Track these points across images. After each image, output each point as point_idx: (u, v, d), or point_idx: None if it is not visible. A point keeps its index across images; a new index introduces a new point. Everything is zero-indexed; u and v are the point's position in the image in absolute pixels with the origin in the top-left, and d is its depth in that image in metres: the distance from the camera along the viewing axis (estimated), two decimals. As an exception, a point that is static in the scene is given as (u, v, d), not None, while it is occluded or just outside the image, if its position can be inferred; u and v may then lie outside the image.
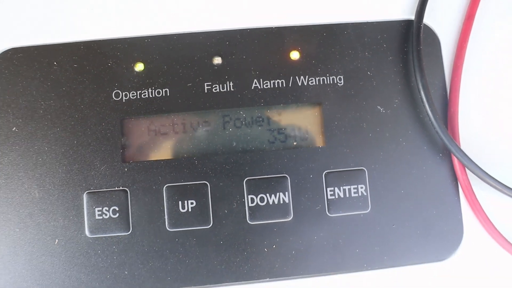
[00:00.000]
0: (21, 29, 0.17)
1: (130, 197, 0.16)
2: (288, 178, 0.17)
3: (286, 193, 0.17)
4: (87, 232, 0.16)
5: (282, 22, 0.18)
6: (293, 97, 0.17)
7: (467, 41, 0.18)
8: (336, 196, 0.17)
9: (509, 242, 0.16)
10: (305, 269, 0.16)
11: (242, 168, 0.17)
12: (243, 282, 0.16)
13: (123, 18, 0.17)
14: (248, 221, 0.16)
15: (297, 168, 0.17)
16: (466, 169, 0.17)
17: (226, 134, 0.17)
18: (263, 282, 0.16)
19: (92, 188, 0.16)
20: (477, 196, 0.17)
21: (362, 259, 0.16)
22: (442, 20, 0.18)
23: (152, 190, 0.16)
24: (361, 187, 0.17)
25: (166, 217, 0.16)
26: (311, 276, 0.16)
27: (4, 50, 0.17)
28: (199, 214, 0.16)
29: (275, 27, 0.18)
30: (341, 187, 0.17)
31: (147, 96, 0.17)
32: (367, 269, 0.16)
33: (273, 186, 0.17)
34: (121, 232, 0.16)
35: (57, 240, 0.16)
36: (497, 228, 0.17)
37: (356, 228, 0.17)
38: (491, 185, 0.16)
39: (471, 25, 0.18)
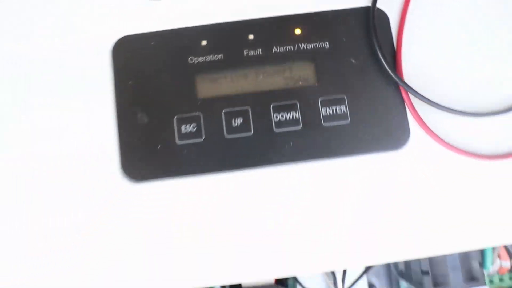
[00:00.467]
0: (129, 23, 0.29)
1: (203, 118, 0.27)
2: (298, 103, 0.27)
3: (297, 112, 0.27)
4: (177, 140, 0.27)
5: (289, 12, 0.28)
6: (298, 56, 0.28)
7: (406, 16, 0.28)
8: (328, 113, 0.27)
9: (437, 135, 0.26)
10: (311, 156, 0.26)
11: (269, 99, 0.27)
12: (274, 165, 0.26)
13: (193, 13, 0.28)
14: (274, 130, 0.27)
15: (303, 97, 0.27)
16: (409, 93, 0.27)
17: (258, 81, 0.27)
18: (286, 165, 0.26)
19: (179, 114, 0.27)
20: (417, 109, 0.27)
21: (345, 148, 0.26)
22: (389, 4, 0.29)
23: (215, 113, 0.26)
24: (343, 107, 0.27)
25: (224, 129, 0.26)
26: (314, 160, 0.26)
27: (120, 37, 0.29)
28: (245, 126, 0.27)
29: (285, 15, 0.28)
30: (330, 107, 0.27)
31: (210, 60, 0.28)
32: (346, 155, 0.26)
33: (289, 108, 0.27)
34: (197, 139, 0.27)
35: (159, 145, 0.27)
36: (431, 129, 0.26)
37: (340, 132, 0.26)
38: (423, 100, 0.26)
39: (408, 5, 0.28)
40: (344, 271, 0.36)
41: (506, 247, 0.33)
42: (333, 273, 0.35)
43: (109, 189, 0.26)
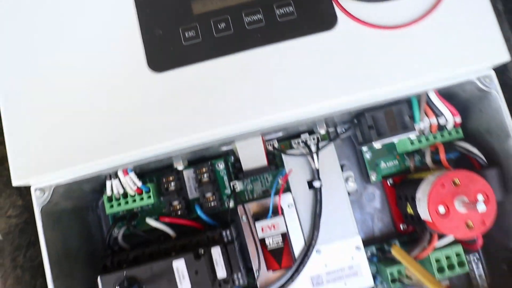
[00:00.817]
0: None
1: (199, 26, 0.40)
2: (260, 9, 0.40)
3: (261, 14, 0.40)
4: (183, 43, 0.40)
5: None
6: (258, -20, 0.41)
7: None
8: (281, 13, 0.39)
9: (352, 15, 0.39)
10: (273, 40, 0.39)
11: (241, 9, 0.40)
12: (249, 49, 0.39)
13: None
14: (247, 28, 0.40)
15: (263, 5, 0.40)
16: (333, -7, 0.40)
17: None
18: (257, 48, 0.39)
19: (182, 25, 0.40)
20: (340, 1, 0.40)
21: (295, 33, 0.39)
22: None
23: (207, 22, 0.40)
24: (290, 8, 0.40)
25: (214, 31, 0.40)
26: (275, 43, 0.39)
27: (137, -16, 0.42)
28: (227, 28, 0.40)
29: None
30: (282, 9, 0.40)
31: (199, -10, 0.41)
32: (297, 38, 0.39)
33: (255, 13, 0.39)
34: (196, 40, 0.40)
35: (171, 47, 0.40)
36: (349, 11, 0.39)
37: (291, 24, 0.39)
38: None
39: None
40: (317, 146, 0.48)
41: (429, 106, 0.46)
42: (308, 147, 0.48)
43: (140, 78, 0.39)
